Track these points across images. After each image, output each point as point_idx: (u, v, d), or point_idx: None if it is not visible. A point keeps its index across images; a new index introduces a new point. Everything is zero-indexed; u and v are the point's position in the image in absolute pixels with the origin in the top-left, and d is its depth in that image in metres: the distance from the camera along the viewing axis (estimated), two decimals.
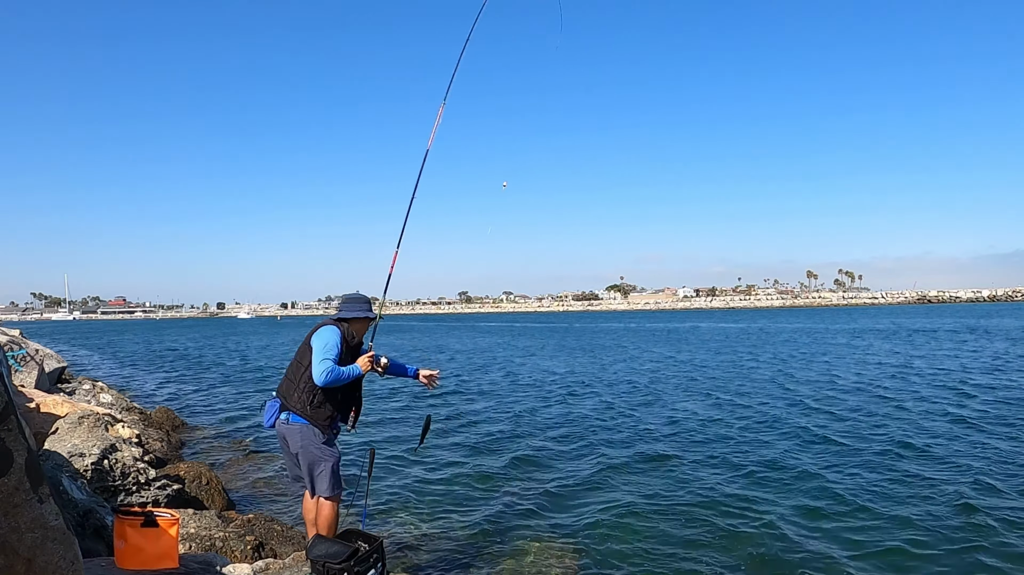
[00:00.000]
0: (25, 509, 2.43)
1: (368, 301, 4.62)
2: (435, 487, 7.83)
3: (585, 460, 8.99)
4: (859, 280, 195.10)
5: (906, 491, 7.14)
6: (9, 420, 2.40)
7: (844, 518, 6.37)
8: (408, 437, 10.87)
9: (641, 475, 8.13)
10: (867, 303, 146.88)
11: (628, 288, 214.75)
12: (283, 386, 4.36)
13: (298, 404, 4.24)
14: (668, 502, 7.02)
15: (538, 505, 7.04)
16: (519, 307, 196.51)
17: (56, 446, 5.66)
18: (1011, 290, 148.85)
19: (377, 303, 4.84)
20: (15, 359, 9.98)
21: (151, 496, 5.75)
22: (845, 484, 7.42)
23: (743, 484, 7.61)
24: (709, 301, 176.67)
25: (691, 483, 7.70)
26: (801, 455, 8.88)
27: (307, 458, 4.26)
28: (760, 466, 8.36)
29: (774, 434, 10.32)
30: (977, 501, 6.63)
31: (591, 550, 5.76)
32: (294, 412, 4.25)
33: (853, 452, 8.94)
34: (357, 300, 4.58)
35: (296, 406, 4.24)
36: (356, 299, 4.59)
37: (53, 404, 7.49)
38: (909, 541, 5.74)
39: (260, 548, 5.08)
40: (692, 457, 8.96)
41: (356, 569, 3.81)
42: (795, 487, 7.42)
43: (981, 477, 7.49)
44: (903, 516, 6.31)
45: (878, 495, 7.01)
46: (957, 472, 7.80)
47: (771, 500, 6.98)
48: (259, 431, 11.78)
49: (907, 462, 8.31)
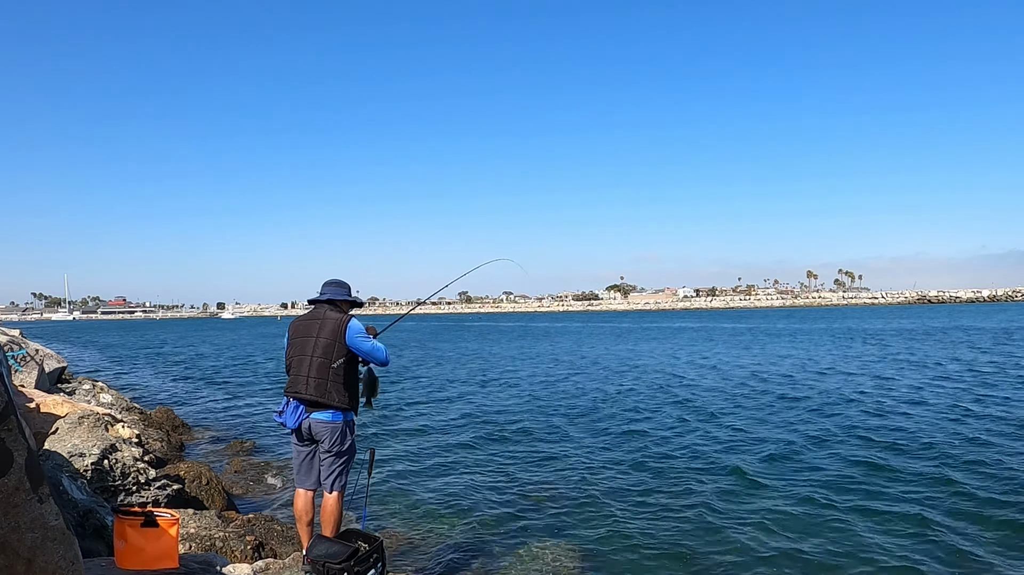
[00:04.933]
0: (25, 509, 2.43)
1: (348, 286, 4.67)
2: (435, 487, 7.83)
3: (586, 460, 8.99)
4: (859, 280, 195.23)
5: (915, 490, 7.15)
6: (9, 420, 2.40)
7: (846, 518, 6.38)
8: (408, 437, 10.88)
9: (642, 475, 8.13)
10: (867, 303, 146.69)
11: (628, 288, 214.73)
12: (311, 386, 4.22)
13: (338, 399, 4.23)
14: (669, 503, 7.02)
15: (538, 505, 7.04)
16: (519, 307, 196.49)
17: (56, 446, 5.66)
18: (1011, 290, 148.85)
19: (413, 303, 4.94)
20: (15, 359, 9.98)
21: (151, 496, 5.75)
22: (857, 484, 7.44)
23: (744, 485, 7.61)
24: (709, 301, 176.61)
25: (692, 483, 7.70)
26: (822, 464, 8.88)
27: (339, 453, 4.30)
28: (761, 467, 8.37)
29: (794, 440, 10.33)
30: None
31: (591, 550, 5.77)
32: (336, 409, 4.24)
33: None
34: (341, 284, 4.61)
35: (337, 402, 4.23)
36: (340, 283, 4.61)
37: (53, 404, 7.48)
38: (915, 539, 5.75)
39: (260, 548, 5.08)
40: (693, 457, 8.96)
41: (356, 569, 3.81)
42: (800, 489, 7.42)
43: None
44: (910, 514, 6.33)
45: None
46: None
47: (773, 500, 6.98)
48: (259, 431, 11.78)
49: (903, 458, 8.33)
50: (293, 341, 4.39)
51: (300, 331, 4.39)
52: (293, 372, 4.33)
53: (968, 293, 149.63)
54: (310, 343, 4.30)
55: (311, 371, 4.24)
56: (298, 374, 4.28)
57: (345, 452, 4.34)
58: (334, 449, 4.28)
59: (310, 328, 4.35)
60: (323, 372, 4.23)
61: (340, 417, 4.27)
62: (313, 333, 4.32)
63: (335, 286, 4.57)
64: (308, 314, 4.51)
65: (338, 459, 4.32)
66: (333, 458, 4.30)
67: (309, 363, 4.26)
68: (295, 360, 4.33)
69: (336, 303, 4.49)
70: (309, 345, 4.30)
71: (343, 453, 4.33)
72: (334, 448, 4.28)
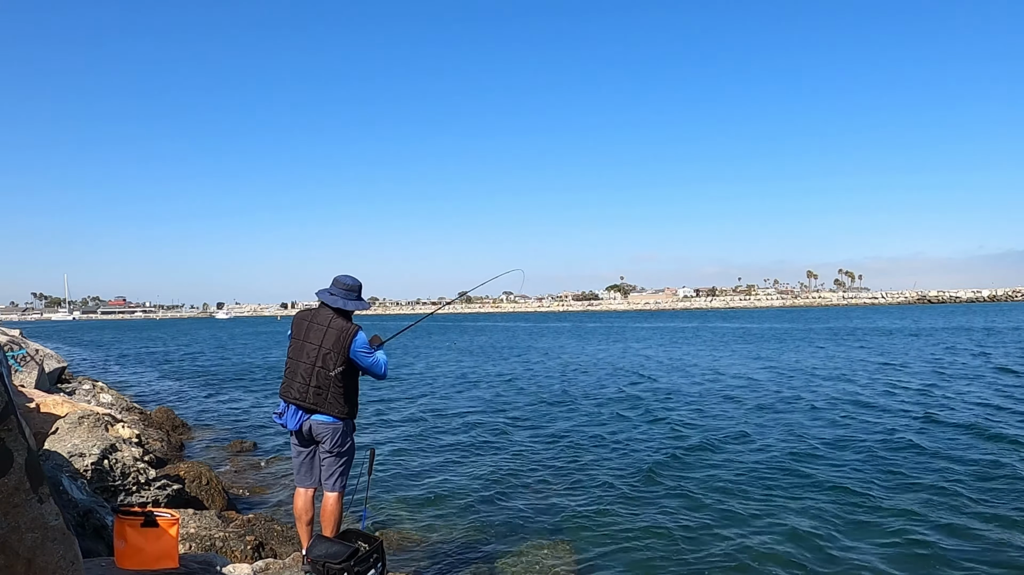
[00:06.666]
0: (25, 509, 2.43)
1: (360, 288, 4.45)
2: (435, 487, 7.83)
3: (586, 461, 8.99)
4: (859, 280, 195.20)
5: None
6: (9, 420, 2.40)
7: (846, 519, 6.38)
8: (408, 437, 10.88)
9: (643, 476, 8.12)
10: (867, 303, 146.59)
11: (628, 288, 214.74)
12: (310, 394, 4.18)
13: (336, 406, 4.21)
14: (670, 502, 7.02)
15: (539, 505, 7.04)
16: (519, 307, 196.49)
17: (56, 446, 5.66)
18: (1011, 290, 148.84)
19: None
20: (15, 359, 9.99)
21: (151, 496, 5.75)
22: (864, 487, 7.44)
23: (746, 485, 7.61)
24: (709, 301, 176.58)
25: (693, 484, 7.70)
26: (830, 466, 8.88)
27: (340, 454, 4.30)
28: (766, 468, 8.37)
29: (797, 444, 10.32)
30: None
31: (592, 550, 5.77)
32: (334, 415, 4.22)
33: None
34: (352, 288, 4.37)
35: (336, 412, 4.21)
36: (350, 287, 4.37)
37: (53, 404, 7.48)
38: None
39: (260, 548, 5.08)
40: (694, 458, 8.96)
41: (356, 569, 3.81)
42: (809, 493, 7.42)
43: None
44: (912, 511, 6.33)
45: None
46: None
47: (774, 501, 6.98)
48: (259, 431, 11.79)
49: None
50: (295, 341, 4.29)
51: (303, 332, 4.27)
52: (290, 374, 4.25)
53: (968, 293, 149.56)
54: (313, 349, 4.20)
55: (311, 379, 4.17)
56: (296, 379, 4.21)
57: (345, 453, 4.34)
58: (335, 450, 4.28)
59: (313, 333, 4.23)
60: (323, 381, 4.17)
61: (339, 420, 4.26)
62: (316, 340, 4.21)
63: (346, 290, 4.36)
64: (314, 314, 4.34)
65: (338, 459, 4.31)
66: (334, 458, 4.30)
67: (310, 370, 4.18)
68: (294, 363, 4.24)
69: (347, 313, 4.34)
70: (311, 351, 4.20)
71: (343, 454, 4.33)
72: (335, 449, 4.27)
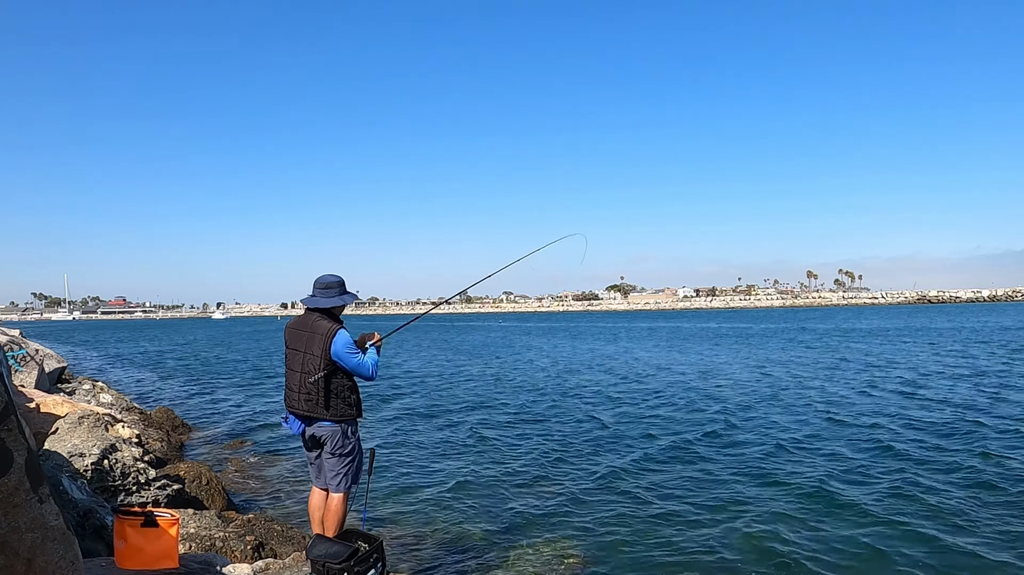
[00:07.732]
0: (25, 509, 2.43)
1: (341, 283, 4.41)
2: (435, 487, 7.83)
3: (586, 461, 8.99)
4: (859, 280, 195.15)
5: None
6: (9, 420, 2.40)
7: (849, 519, 6.38)
8: (407, 437, 10.87)
9: (644, 476, 8.13)
10: (867, 303, 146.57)
11: (628, 288, 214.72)
12: (303, 402, 4.19)
13: (330, 410, 4.20)
14: (670, 503, 7.02)
15: (539, 505, 7.04)
16: (519, 307, 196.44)
17: (56, 446, 5.66)
18: (1011, 290, 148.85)
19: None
20: (15, 359, 9.98)
21: (151, 496, 5.75)
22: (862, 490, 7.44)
23: (747, 486, 7.61)
24: (709, 301, 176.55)
25: (694, 485, 7.70)
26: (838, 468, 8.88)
27: (341, 455, 4.30)
28: (765, 469, 8.37)
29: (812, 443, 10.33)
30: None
31: (592, 550, 5.76)
32: (330, 419, 4.22)
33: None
34: (329, 286, 4.36)
35: (330, 416, 4.20)
36: (328, 285, 4.36)
37: (53, 404, 7.48)
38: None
39: (260, 548, 5.08)
40: (695, 459, 8.96)
41: (356, 569, 3.81)
42: (804, 492, 7.42)
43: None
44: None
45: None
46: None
47: (777, 502, 6.98)
48: (259, 431, 11.78)
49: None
50: (287, 350, 4.33)
51: (291, 341, 4.30)
52: (287, 384, 4.31)
53: (968, 293, 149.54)
54: (298, 358, 4.23)
55: (301, 387, 4.19)
56: (290, 389, 4.27)
57: (347, 454, 4.32)
58: (335, 452, 4.28)
59: (298, 340, 4.25)
60: (312, 388, 4.16)
61: (339, 424, 4.26)
62: (301, 347, 4.22)
63: (323, 289, 4.35)
64: (299, 321, 4.36)
65: (340, 461, 4.31)
66: (336, 460, 4.29)
67: (299, 380, 4.20)
68: (288, 373, 4.30)
69: (326, 310, 4.33)
70: (297, 359, 4.23)
71: (344, 455, 4.32)
72: (335, 451, 4.28)
